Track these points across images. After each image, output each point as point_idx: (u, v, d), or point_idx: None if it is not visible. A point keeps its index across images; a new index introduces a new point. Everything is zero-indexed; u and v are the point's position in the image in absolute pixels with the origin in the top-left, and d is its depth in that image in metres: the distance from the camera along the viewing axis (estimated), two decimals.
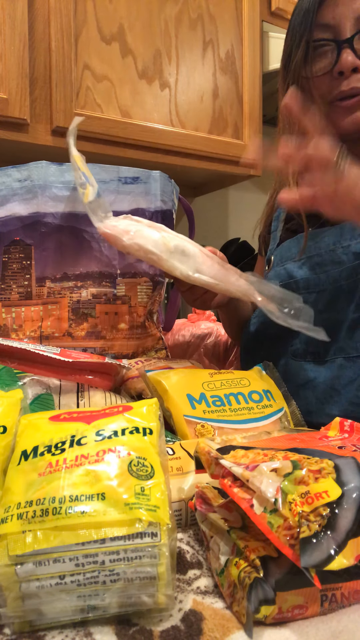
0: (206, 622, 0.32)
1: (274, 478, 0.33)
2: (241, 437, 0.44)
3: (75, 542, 0.30)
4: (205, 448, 0.38)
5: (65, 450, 0.35)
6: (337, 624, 0.32)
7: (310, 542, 0.30)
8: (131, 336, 0.79)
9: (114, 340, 0.77)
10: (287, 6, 1.57)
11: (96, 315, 0.76)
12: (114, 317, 0.77)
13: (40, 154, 1.17)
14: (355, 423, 0.45)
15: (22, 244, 0.75)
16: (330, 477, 0.33)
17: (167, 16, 1.28)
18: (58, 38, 1.15)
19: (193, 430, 0.54)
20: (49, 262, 0.75)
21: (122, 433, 0.37)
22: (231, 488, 0.34)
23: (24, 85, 1.11)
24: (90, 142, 1.19)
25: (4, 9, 1.09)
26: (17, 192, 0.75)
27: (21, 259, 0.75)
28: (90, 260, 0.76)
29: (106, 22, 1.21)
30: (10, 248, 0.74)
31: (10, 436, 0.39)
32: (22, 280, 0.75)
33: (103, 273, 0.77)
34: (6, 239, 0.74)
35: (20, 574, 0.30)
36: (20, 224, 0.74)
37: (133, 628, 0.31)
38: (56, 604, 0.31)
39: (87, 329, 0.75)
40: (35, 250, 0.75)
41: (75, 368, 0.58)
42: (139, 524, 0.31)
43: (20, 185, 0.75)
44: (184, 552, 0.39)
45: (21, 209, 0.74)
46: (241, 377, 0.61)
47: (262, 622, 0.31)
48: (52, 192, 0.75)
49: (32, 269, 0.75)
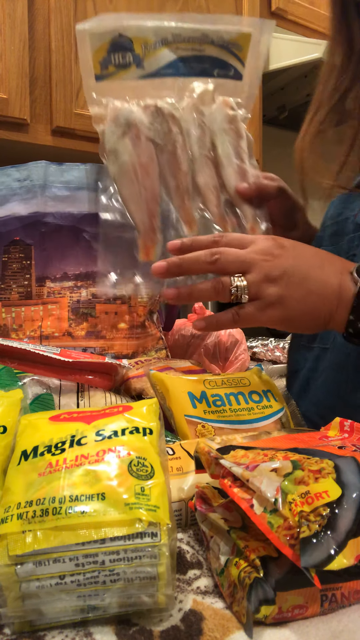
0: (206, 622, 0.32)
1: (274, 478, 0.33)
2: (241, 437, 0.44)
3: (75, 542, 0.30)
4: (205, 448, 0.38)
5: (65, 450, 0.35)
6: (337, 624, 0.32)
7: (310, 542, 0.30)
8: (131, 336, 0.79)
9: (114, 340, 0.77)
10: (287, 6, 1.57)
11: (96, 315, 0.76)
12: (114, 317, 0.78)
13: (40, 154, 1.17)
14: (355, 423, 0.45)
15: (22, 243, 0.75)
16: (331, 477, 0.33)
17: None
18: (58, 38, 1.15)
19: (194, 430, 0.54)
20: (49, 262, 0.76)
21: (122, 433, 0.37)
22: (231, 488, 0.34)
23: (24, 85, 1.11)
24: (90, 142, 1.19)
25: (4, 9, 1.09)
26: (17, 192, 0.75)
27: (21, 258, 0.75)
28: (90, 260, 0.77)
29: None
30: (10, 248, 0.75)
31: (10, 436, 0.39)
32: (22, 280, 0.75)
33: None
34: (6, 238, 0.75)
35: (20, 574, 0.30)
36: (20, 223, 0.74)
37: (133, 628, 0.31)
38: (56, 604, 0.31)
39: (87, 328, 0.76)
40: (35, 250, 0.75)
41: (75, 368, 0.59)
42: (139, 524, 0.31)
43: (19, 185, 0.75)
44: (184, 552, 0.39)
45: (21, 209, 0.74)
46: (241, 377, 0.61)
47: (262, 622, 0.31)
48: (52, 192, 0.75)
49: (32, 269, 0.75)
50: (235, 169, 0.68)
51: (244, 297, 0.51)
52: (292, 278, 0.51)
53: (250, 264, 0.51)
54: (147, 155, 0.65)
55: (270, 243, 0.53)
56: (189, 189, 0.67)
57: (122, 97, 0.66)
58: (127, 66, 0.65)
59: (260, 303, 0.51)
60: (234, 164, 0.68)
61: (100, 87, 0.65)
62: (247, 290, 0.51)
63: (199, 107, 0.68)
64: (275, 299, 0.51)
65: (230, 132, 0.68)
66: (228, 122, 0.68)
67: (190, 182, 0.67)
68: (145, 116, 0.65)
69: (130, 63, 0.65)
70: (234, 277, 0.51)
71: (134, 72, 0.65)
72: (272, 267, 0.51)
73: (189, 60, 0.67)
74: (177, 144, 0.66)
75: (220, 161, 0.68)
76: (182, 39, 0.65)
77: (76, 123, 1.17)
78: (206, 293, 0.53)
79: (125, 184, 0.65)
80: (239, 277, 0.51)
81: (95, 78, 0.64)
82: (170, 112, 0.66)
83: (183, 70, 0.67)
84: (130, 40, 0.64)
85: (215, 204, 0.67)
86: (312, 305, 0.51)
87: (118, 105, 0.65)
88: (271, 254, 0.52)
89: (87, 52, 0.63)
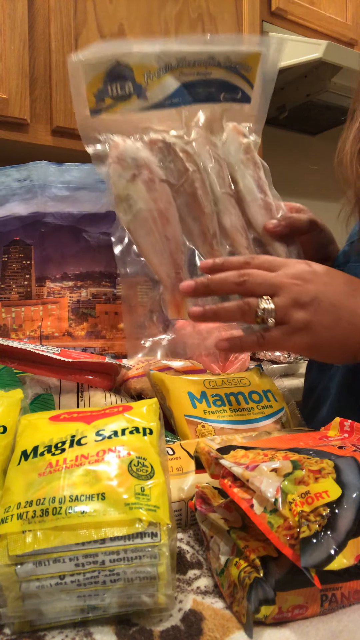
0: (206, 622, 0.32)
1: (274, 478, 0.33)
2: (241, 437, 0.44)
3: (75, 542, 0.30)
4: (205, 448, 0.38)
5: (65, 450, 0.35)
6: (337, 624, 0.32)
7: (311, 542, 0.30)
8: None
9: (114, 340, 0.77)
10: (287, 6, 1.57)
11: (96, 315, 0.76)
12: (113, 317, 0.78)
13: (40, 154, 1.17)
14: (355, 423, 0.45)
15: (22, 244, 0.75)
16: (330, 477, 0.33)
17: (167, 16, 1.28)
18: (58, 38, 1.15)
19: (194, 430, 0.54)
20: (49, 262, 0.76)
21: (122, 433, 0.37)
22: (231, 488, 0.34)
23: (24, 85, 1.12)
24: None
25: (4, 9, 1.09)
26: (17, 192, 0.75)
27: (21, 259, 0.75)
28: (90, 260, 0.77)
29: (106, 22, 1.21)
30: (10, 248, 0.75)
31: (10, 436, 0.39)
32: (22, 280, 0.75)
33: (103, 273, 0.77)
34: (5, 239, 0.75)
35: (20, 574, 0.30)
36: (20, 223, 0.75)
37: (133, 628, 0.31)
38: (56, 604, 0.31)
39: (87, 328, 0.76)
40: (35, 250, 0.76)
41: (75, 368, 0.59)
42: (139, 524, 0.31)
43: (19, 185, 0.75)
44: (184, 552, 0.39)
45: (21, 209, 0.75)
46: (241, 377, 0.61)
47: (262, 622, 0.31)
48: (52, 192, 0.75)
49: (32, 269, 0.76)
50: (261, 204, 0.61)
51: (271, 320, 0.49)
52: (322, 304, 0.49)
53: (279, 287, 0.49)
54: (165, 199, 0.58)
55: (302, 267, 0.51)
56: (217, 232, 0.60)
57: (122, 132, 0.59)
58: (127, 97, 0.57)
59: (287, 328, 0.49)
60: (258, 198, 0.61)
61: (96, 123, 0.58)
62: (275, 313, 0.49)
63: (210, 139, 0.61)
64: (302, 325, 0.49)
65: (248, 164, 0.62)
66: (244, 152, 0.62)
67: (217, 225, 0.60)
68: (153, 154, 0.58)
69: (130, 94, 0.57)
70: (262, 299, 0.49)
71: (136, 104, 0.58)
72: (301, 291, 0.49)
73: (194, 86, 0.59)
74: (196, 183, 0.58)
75: (243, 197, 0.62)
76: (187, 63, 0.58)
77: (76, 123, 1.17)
78: (232, 313, 0.50)
79: (143, 234, 0.58)
80: (266, 300, 0.49)
81: (90, 112, 0.57)
82: (182, 147, 0.58)
83: (188, 98, 0.60)
84: (130, 68, 0.56)
85: (245, 245, 0.61)
86: (341, 334, 0.49)
87: (120, 143, 0.58)
88: (302, 278, 0.50)
89: (79, 84, 0.56)
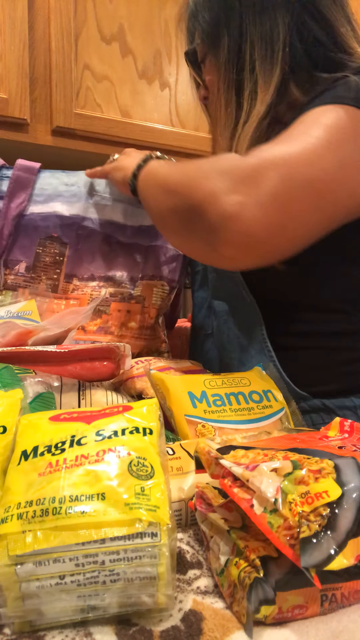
0: (206, 622, 0.32)
1: (274, 478, 0.33)
2: (241, 437, 0.44)
3: (75, 542, 0.30)
4: (205, 448, 0.38)
5: (65, 450, 0.35)
6: (337, 624, 0.32)
7: (310, 542, 0.30)
8: (140, 336, 0.81)
9: (123, 337, 0.80)
10: None
11: (109, 312, 0.79)
12: (125, 315, 0.81)
13: (40, 154, 1.17)
14: (355, 423, 0.45)
15: (58, 241, 0.80)
16: (330, 477, 0.33)
17: (167, 16, 1.28)
18: (58, 38, 1.15)
19: (194, 430, 0.54)
20: (80, 262, 0.80)
21: (122, 433, 0.37)
22: (231, 488, 0.34)
23: (24, 85, 1.12)
24: (90, 142, 1.20)
25: (4, 9, 1.09)
26: (62, 194, 0.80)
27: (55, 254, 0.79)
28: (118, 265, 0.82)
29: (106, 22, 1.21)
30: (46, 242, 0.79)
31: (10, 436, 0.39)
32: (52, 274, 0.79)
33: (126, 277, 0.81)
34: (43, 232, 0.79)
35: (20, 574, 0.30)
36: (60, 222, 0.79)
37: (133, 628, 0.31)
38: (56, 604, 0.31)
39: (99, 324, 0.79)
40: (69, 249, 0.80)
41: (75, 358, 0.58)
42: (139, 524, 0.31)
43: (66, 188, 0.81)
44: (184, 552, 0.39)
45: (63, 209, 0.79)
46: (242, 377, 0.61)
47: (262, 622, 0.31)
48: (96, 200, 0.81)
49: (63, 265, 0.80)
50: None
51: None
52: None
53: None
54: None
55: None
56: None
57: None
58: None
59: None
60: None
61: None
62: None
63: None
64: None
65: None
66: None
67: None
68: None
69: None
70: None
71: None
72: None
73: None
74: None
75: None
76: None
77: (76, 123, 1.17)
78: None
79: None
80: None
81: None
82: None
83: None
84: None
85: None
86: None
87: None
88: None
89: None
